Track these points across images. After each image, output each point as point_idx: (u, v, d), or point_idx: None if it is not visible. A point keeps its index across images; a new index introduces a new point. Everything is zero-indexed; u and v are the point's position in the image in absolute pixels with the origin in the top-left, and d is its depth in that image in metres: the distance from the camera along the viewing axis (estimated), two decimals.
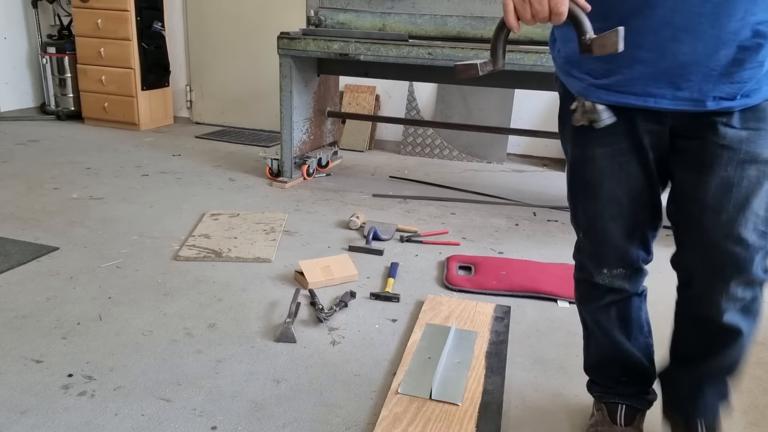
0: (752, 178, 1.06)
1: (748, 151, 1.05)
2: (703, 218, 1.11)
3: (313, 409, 1.59)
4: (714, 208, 1.09)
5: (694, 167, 1.11)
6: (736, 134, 1.05)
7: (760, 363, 1.88)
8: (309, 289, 2.23)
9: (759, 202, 1.08)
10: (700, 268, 1.16)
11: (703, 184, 1.09)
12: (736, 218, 1.08)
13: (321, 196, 3.45)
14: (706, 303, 1.17)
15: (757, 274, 1.12)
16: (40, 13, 5.32)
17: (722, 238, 1.10)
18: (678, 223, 1.19)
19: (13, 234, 2.66)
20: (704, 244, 1.13)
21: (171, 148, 4.40)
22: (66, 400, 1.58)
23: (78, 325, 1.95)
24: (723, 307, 1.15)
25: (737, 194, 1.07)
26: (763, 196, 1.07)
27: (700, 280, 1.17)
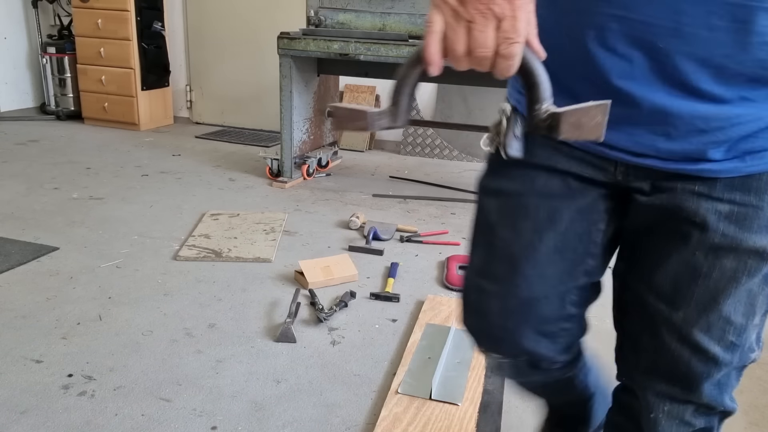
0: (726, 271, 0.76)
1: (727, 235, 0.75)
2: (656, 309, 0.83)
3: (313, 409, 1.59)
4: (671, 301, 0.80)
5: (651, 239, 0.83)
6: (714, 208, 0.75)
7: (761, 363, 1.88)
8: (309, 289, 2.23)
9: (732, 304, 0.78)
10: (641, 374, 0.88)
11: (661, 269, 0.81)
12: (697, 319, 0.79)
13: (321, 196, 3.45)
14: (645, 420, 0.90)
15: (714, 398, 0.84)
16: (40, 13, 5.32)
17: (675, 341, 0.81)
18: (622, 302, 0.91)
19: (13, 234, 2.65)
20: (652, 343, 0.84)
21: (171, 148, 4.40)
22: (66, 400, 1.58)
23: (78, 325, 1.95)
24: (662, 425, 0.88)
25: (703, 289, 0.78)
26: (741, 296, 0.78)
27: (639, 386, 0.90)
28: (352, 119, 0.69)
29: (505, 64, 0.60)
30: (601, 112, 0.61)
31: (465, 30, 0.60)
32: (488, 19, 0.58)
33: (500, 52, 0.60)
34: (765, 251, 0.75)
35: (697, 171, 0.74)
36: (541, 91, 0.63)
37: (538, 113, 0.63)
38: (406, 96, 0.68)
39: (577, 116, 0.61)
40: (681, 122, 0.71)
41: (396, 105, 0.68)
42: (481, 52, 0.60)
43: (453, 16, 0.60)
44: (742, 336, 0.80)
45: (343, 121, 0.69)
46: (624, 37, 0.70)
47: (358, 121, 0.68)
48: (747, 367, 0.85)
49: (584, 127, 0.61)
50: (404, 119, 0.69)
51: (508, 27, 0.59)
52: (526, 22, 0.59)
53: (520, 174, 0.87)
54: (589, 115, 0.61)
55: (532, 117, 0.64)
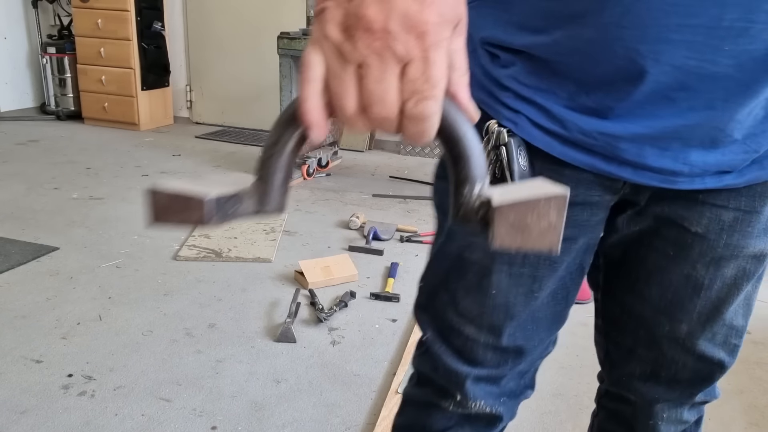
0: (728, 280, 0.73)
1: (729, 244, 0.71)
2: (655, 323, 0.79)
3: (313, 409, 1.59)
4: (671, 314, 0.77)
5: (643, 249, 0.77)
6: (718, 217, 0.70)
7: (761, 363, 1.88)
8: (309, 289, 2.23)
9: (734, 310, 0.77)
10: (638, 381, 0.86)
11: (658, 282, 0.77)
12: (701, 331, 0.77)
13: (321, 196, 3.45)
14: (642, 426, 0.89)
15: (709, 393, 0.85)
16: (40, 13, 5.32)
17: (679, 352, 0.79)
18: (607, 313, 0.87)
19: (13, 234, 2.65)
20: (651, 354, 0.82)
21: (171, 148, 4.40)
22: (66, 400, 1.58)
23: (78, 325, 1.95)
24: (660, 430, 0.87)
25: (705, 301, 0.75)
26: (741, 299, 0.76)
27: (635, 393, 0.88)
28: (180, 210, 0.42)
29: (415, 129, 0.40)
30: (555, 209, 0.40)
31: (355, 77, 0.39)
32: (387, 63, 0.38)
33: (407, 111, 0.39)
34: (763, 253, 0.73)
35: (722, 185, 0.67)
36: (470, 168, 0.43)
37: (466, 199, 0.43)
38: (279, 170, 0.45)
39: (520, 214, 0.40)
40: (723, 134, 0.63)
41: (264, 182, 0.46)
42: (379, 110, 0.39)
43: (337, 57, 0.39)
44: (743, 336, 0.80)
45: (164, 214, 0.42)
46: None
47: (190, 212, 0.42)
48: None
49: (529, 230, 0.40)
50: (277, 202, 0.46)
51: (416, 74, 0.38)
52: (447, 67, 0.40)
53: None
54: (537, 213, 0.40)
55: (457, 203, 0.44)
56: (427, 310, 0.85)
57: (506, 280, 0.75)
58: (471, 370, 0.81)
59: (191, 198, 0.42)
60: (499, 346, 0.79)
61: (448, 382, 0.84)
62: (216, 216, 0.42)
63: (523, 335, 0.79)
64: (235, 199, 0.44)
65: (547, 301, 0.78)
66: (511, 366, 0.82)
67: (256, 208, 0.46)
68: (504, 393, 0.85)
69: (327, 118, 0.42)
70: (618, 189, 0.72)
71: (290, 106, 0.44)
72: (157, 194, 0.43)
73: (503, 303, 0.76)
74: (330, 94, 0.41)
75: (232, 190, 0.44)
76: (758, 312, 2.23)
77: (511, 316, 0.77)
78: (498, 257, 0.75)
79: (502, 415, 0.86)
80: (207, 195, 0.41)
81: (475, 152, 0.43)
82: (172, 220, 0.42)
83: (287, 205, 0.50)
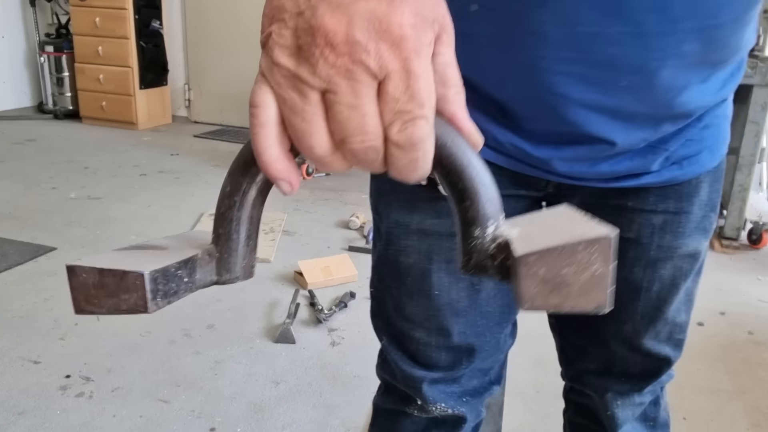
0: (666, 280, 0.75)
1: (662, 246, 0.73)
2: (601, 324, 0.81)
3: (313, 411, 1.58)
4: (616, 316, 0.79)
5: None
6: (648, 221, 0.72)
7: (763, 364, 1.88)
8: (308, 289, 2.22)
9: (676, 307, 0.79)
10: (592, 376, 0.88)
11: None
12: (645, 330, 0.79)
13: (320, 195, 3.44)
14: (603, 417, 0.90)
15: (663, 381, 0.88)
16: (38, 11, 5.30)
17: (626, 350, 0.82)
18: (560, 315, 0.88)
19: (10, 234, 2.64)
20: (601, 352, 0.85)
21: (169, 148, 4.38)
22: (64, 402, 1.57)
23: (76, 325, 1.94)
24: (619, 417, 0.88)
25: (646, 302, 0.77)
26: (681, 296, 0.79)
27: (590, 387, 0.90)
28: (112, 292, 0.32)
29: (406, 160, 0.32)
30: (601, 256, 0.30)
31: (321, 108, 0.32)
32: (359, 82, 0.30)
33: (393, 138, 0.31)
34: (697, 251, 0.75)
35: (638, 185, 0.70)
36: (479, 204, 0.35)
37: (478, 244, 0.35)
38: (241, 226, 0.37)
39: (553, 265, 0.30)
40: (628, 151, 0.67)
41: (223, 243, 0.37)
42: (359, 142, 0.31)
43: (293, 87, 0.32)
44: (687, 329, 0.83)
45: (92, 298, 0.32)
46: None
47: (126, 294, 0.32)
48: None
49: (567, 286, 0.31)
50: (242, 267, 0.38)
51: (398, 91, 0.31)
52: (435, 81, 0.32)
53: (447, 208, 0.73)
54: (577, 263, 0.30)
55: (467, 249, 0.35)
56: (380, 316, 0.84)
57: (446, 279, 0.75)
58: (426, 374, 0.81)
59: (126, 274, 0.31)
60: (451, 346, 0.79)
61: (407, 388, 0.83)
62: (161, 295, 0.33)
63: (473, 332, 0.79)
64: (187, 268, 0.35)
65: (493, 294, 0.78)
66: (467, 364, 0.81)
67: (214, 278, 0.37)
68: (466, 392, 0.85)
69: (294, 166, 0.34)
70: (542, 186, 0.74)
71: (246, 148, 0.36)
72: (80, 273, 0.32)
73: (447, 302, 0.76)
74: (292, 134, 0.33)
75: (180, 257, 0.34)
76: (760, 312, 2.23)
77: (458, 313, 0.77)
78: (435, 257, 0.74)
79: (465, 415, 0.85)
80: (147, 268, 0.32)
81: (484, 184, 0.35)
82: (104, 305, 0.32)
83: (254, 270, 0.39)
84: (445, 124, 0.34)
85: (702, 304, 2.23)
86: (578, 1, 0.55)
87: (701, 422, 1.60)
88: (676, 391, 1.71)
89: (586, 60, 0.58)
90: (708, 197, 0.73)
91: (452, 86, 0.34)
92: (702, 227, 0.74)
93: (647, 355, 0.81)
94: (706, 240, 0.76)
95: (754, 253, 2.77)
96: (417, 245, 0.74)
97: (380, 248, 0.79)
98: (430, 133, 0.32)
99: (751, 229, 2.82)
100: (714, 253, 2.75)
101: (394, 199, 0.75)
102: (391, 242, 0.77)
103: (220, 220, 0.37)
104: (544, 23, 0.56)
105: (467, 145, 0.35)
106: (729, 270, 2.58)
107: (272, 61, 0.32)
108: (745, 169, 2.72)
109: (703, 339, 2.00)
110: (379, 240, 0.80)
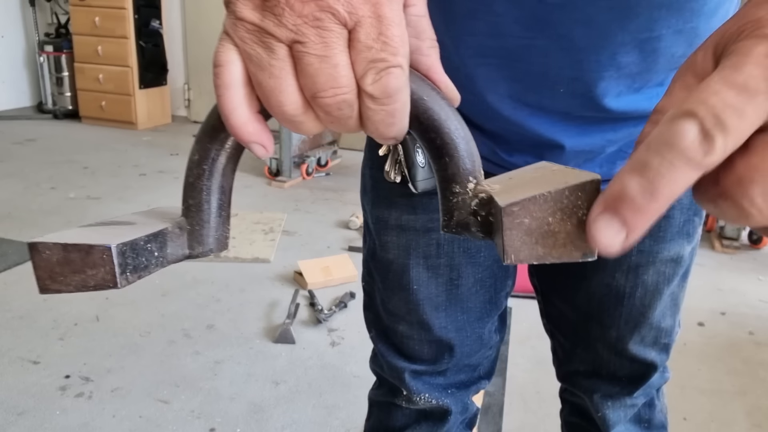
0: (649, 286, 0.75)
1: (642, 251, 0.73)
2: (587, 328, 0.82)
3: (313, 411, 1.58)
4: (600, 321, 0.79)
5: (562, 269, 0.78)
6: None
7: (764, 364, 1.87)
8: (308, 289, 2.22)
9: (661, 313, 0.78)
10: (583, 378, 0.89)
11: (583, 290, 0.78)
12: (630, 335, 0.79)
13: (320, 195, 3.43)
14: (596, 417, 0.90)
15: (652, 384, 0.86)
16: (38, 11, 5.29)
17: (612, 355, 0.82)
18: (548, 315, 0.89)
19: (9, 234, 2.64)
20: (589, 356, 0.85)
21: (169, 148, 4.38)
22: (63, 402, 1.56)
23: (75, 326, 1.94)
24: (611, 419, 0.88)
25: (629, 308, 0.77)
26: (665, 302, 0.78)
27: (581, 389, 0.91)
28: (79, 268, 0.30)
29: (383, 113, 0.30)
30: (586, 202, 0.29)
31: (289, 62, 0.30)
32: (328, 30, 0.29)
33: (366, 89, 0.30)
34: (679, 256, 0.74)
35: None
36: (459, 160, 0.33)
37: (459, 201, 0.34)
38: (212, 195, 0.35)
39: (538, 214, 0.29)
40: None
41: (194, 214, 0.35)
42: (332, 95, 0.30)
43: (259, 42, 0.30)
44: (672, 334, 0.82)
45: (58, 276, 0.30)
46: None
47: (93, 270, 0.30)
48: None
49: (553, 235, 0.30)
50: (215, 238, 0.36)
51: (369, 39, 0.29)
52: (407, 31, 0.31)
53: (423, 204, 0.72)
54: (562, 210, 0.29)
55: (447, 207, 0.34)
56: (370, 309, 0.86)
57: (425, 274, 0.75)
58: (408, 365, 0.82)
59: (93, 248, 0.29)
60: (432, 340, 0.80)
61: (392, 378, 0.85)
62: (130, 269, 0.31)
63: (454, 326, 0.79)
64: (157, 242, 0.33)
65: (475, 289, 0.78)
66: (449, 358, 0.82)
67: (186, 251, 0.35)
68: (452, 384, 0.85)
69: (265, 127, 0.32)
70: None
71: (213, 113, 0.34)
72: (43, 250, 0.30)
73: (426, 297, 0.76)
74: (260, 93, 0.31)
75: (149, 230, 0.32)
76: (761, 313, 2.22)
77: (437, 308, 0.77)
78: (413, 252, 0.74)
79: (450, 407, 0.86)
80: (114, 241, 0.30)
81: (463, 140, 0.34)
82: (71, 283, 0.30)
83: (228, 242, 0.37)
84: (421, 78, 0.33)
85: (702, 304, 2.23)
86: (504, 14, 0.54)
87: (702, 422, 1.60)
88: (676, 391, 1.71)
89: (521, 69, 0.57)
90: (690, 201, 0.72)
91: (426, 38, 0.33)
92: (684, 231, 0.73)
93: (633, 360, 0.81)
94: (689, 244, 0.75)
95: (754, 253, 2.77)
96: (396, 240, 0.75)
97: (369, 243, 0.81)
98: (406, 84, 0.31)
99: (752, 230, 2.82)
100: (715, 253, 2.75)
101: (374, 196, 0.76)
102: (374, 238, 0.78)
103: (190, 190, 0.35)
104: (475, 33, 0.56)
105: (444, 99, 0.34)
106: (729, 270, 2.58)
107: (235, 16, 0.30)
108: None
109: (703, 339, 1.99)
110: (368, 235, 0.81)
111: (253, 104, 0.31)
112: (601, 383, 0.86)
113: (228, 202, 0.37)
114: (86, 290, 0.30)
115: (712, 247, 2.81)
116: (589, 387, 0.88)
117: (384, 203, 0.75)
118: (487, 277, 0.78)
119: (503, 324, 0.88)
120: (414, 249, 0.75)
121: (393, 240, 0.75)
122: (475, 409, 0.93)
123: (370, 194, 0.78)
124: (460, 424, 0.90)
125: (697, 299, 2.25)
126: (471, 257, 0.75)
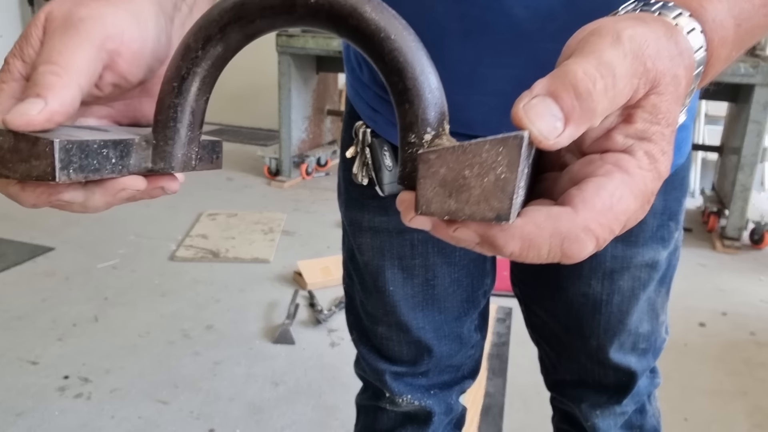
0: (626, 292, 0.75)
1: (616, 256, 0.72)
2: (568, 338, 0.82)
3: (312, 412, 1.57)
4: (579, 331, 0.79)
5: (546, 272, 0.78)
6: None
7: (765, 365, 1.87)
8: (308, 289, 2.21)
9: (638, 318, 0.78)
10: (569, 387, 0.89)
11: (561, 299, 0.78)
12: (610, 343, 0.78)
13: (320, 195, 3.43)
14: (586, 426, 0.89)
15: (641, 391, 0.86)
16: (36, 10, 5.29)
17: (594, 364, 0.82)
18: (531, 324, 0.89)
19: (8, 234, 2.63)
20: (573, 365, 0.85)
21: None
22: (62, 402, 1.56)
23: (74, 326, 1.93)
24: (600, 428, 0.87)
25: (607, 316, 0.76)
26: (642, 308, 0.78)
27: (569, 398, 0.90)
28: (25, 158, 0.31)
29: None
30: (505, 158, 0.28)
31: None
32: None
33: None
34: (654, 260, 0.74)
35: None
36: (418, 109, 0.32)
37: (414, 151, 0.32)
38: (180, 114, 0.36)
39: (454, 165, 0.29)
40: None
41: (163, 129, 0.36)
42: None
43: None
44: (652, 338, 0.81)
45: (6, 162, 0.32)
46: None
47: (36, 161, 0.31)
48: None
49: (467, 189, 0.28)
50: (180, 157, 0.36)
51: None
52: None
53: (395, 206, 0.73)
54: (480, 164, 0.28)
55: (403, 159, 0.33)
56: (351, 311, 0.86)
57: (400, 275, 0.75)
58: (389, 366, 0.83)
59: (38, 140, 0.30)
60: (411, 341, 0.80)
61: (376, 381, 0.85)
62: (75, 168, 0.31)
63: (432, 326, 0.79)
64: (117, 149, 0.33)
65: (452, 289, 0.77)
66: (428, 359, 0.82)
67: (149, 165, 0.35)
68: (435, 385, 0.86)
69: None
70: None
71: (190, 32, 0.35)
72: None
73: (402, 298, 0.76)
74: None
75: (113, 137, 0.33)
76: (762, 313, 2.22)
77: (414, 308, 0.77)
78: (387, 253, 0.74)
79: (432, 408, 0.86)
80: (61, 137, 0.30)
81: (427, 87, 0.32)
82: (17, 170, 0.31)
83: (195, 163, 0.37)
84: (395, 16, 0.32)
85: (703, 305, 2.22)
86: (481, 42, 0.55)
87: (703, 423, 1.59)
88: (677, 392, 1.70)
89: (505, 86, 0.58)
90: (663, 206, 0.71)
91: None
92: (659, 236, 0.72)
93: (616, 369, 0.81)
94: (665, 249, 0.74)
95: (756, 254, 2.76)
96: (370, 242, 0.76)
97: (347, 245, 0.81)
98: None
99: (753, 230, 2.81)
100: (716, 254, 2.75)
101: (347, 198, 0.77)
102: (348, 239, 0.79)
103: (159, 107, 0.36)
104: (459, 61, 0.57)
105: (417, 42, 0.32)
106: (731, 270, 2.57)
107: None
108: (747, 169, 2.71)
109: (704, 339, 1.99)
110: (345, 237, 0.81)
111: None
112: (589, 393, 0.86)
113: (199, 124, 0.37)
114: (29, 179, 0.31)
115: (713, 248, 2.80)
116: (577, 396, 0.88)
117: (356, 205, 0.75)
118: (464, 277, 0.78)
119: (485, 322, 0.88)
120: (388, 250, 0.75)
121: (367, 242, 0.76)
122: (461, 409, 0.92)
123: (343, 196, 0.78)
124: (447, 425, 0.90)
125: (698, 299, 2.25)
126: (446, 257, 0.75)
